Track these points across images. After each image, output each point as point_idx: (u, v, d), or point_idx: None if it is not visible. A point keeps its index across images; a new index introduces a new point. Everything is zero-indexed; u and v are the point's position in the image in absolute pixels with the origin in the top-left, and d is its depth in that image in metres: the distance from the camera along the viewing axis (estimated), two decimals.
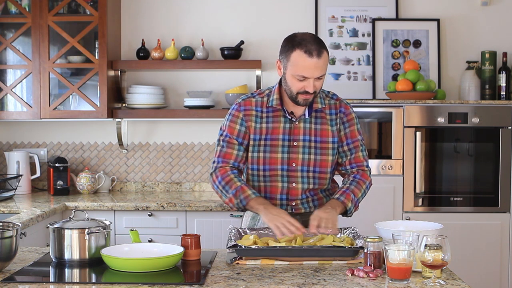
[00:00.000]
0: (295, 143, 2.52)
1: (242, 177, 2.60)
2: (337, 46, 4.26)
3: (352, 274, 2.04)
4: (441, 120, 3.80)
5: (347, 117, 2.56)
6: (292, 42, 2.39)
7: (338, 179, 2.71)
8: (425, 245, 1.95)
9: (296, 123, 2.52)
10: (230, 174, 2.51)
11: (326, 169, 2.56)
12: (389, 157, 3.81)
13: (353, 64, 4.26)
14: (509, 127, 3.81)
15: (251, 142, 2.54)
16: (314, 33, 2.48)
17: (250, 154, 2.56)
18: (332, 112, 2.55)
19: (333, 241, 2.29)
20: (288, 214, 2.36)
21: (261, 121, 2.53)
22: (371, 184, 2.62)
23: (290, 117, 2.51)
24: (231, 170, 2.52)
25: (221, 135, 2.57)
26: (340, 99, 2.60)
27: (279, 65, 2.46)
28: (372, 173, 2.67)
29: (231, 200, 2.48)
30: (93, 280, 2.09)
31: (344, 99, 2.62)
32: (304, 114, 2.52)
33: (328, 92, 2.61)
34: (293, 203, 2.58)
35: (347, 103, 2.60)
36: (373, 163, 3.76)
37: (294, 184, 2.55)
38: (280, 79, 2.52)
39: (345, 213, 2.53)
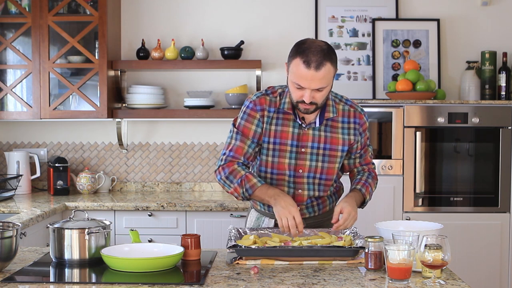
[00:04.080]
0: (303, 150, 2.48)
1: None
2: (337, 46, 4.26)
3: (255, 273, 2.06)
4: (441, 120, 3.80)
5: (362, 128, 2.54)
6: (297, 49, 2.33)
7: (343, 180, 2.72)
8: (425, 245, 1.95)
9: (306, 129, 2.47)
10: (236, 165, 2.45)
11: (332, 176, 2.54)
12: (389, 157, 3.81)
13: (353, 64, 4.26)
14: (509, 127, 3.81)
15: (262, 144, 2.50)
16: (327, 42, 2.37)
17: (259, 156, 2.54)
18: (345, 120, 2.51)
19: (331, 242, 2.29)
20: (296, 208, 2.33)
21: (271, 123, 2.47)
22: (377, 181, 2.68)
23: (300, 123, 2.46)
24: (237, 163, 2.45)
25: (235, 131, 2.49)
26: (355, 106, 2.54)
27: (286, 68, 2.40)
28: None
29: (236, 189, 2.42)
30: (93, 280, 2.09)
31: (359, 106, 2.56)
32: (315, 122, 2.47)
33: (342, 96, 2.56)
34: (298, 208, 2.57)
35: (361, 110, 2.55)
36: None
37: (300, 191, 2.54)
38: None
39: (361, 205, 2.55)
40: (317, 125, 2.47)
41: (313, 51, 2.28)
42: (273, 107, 2.48)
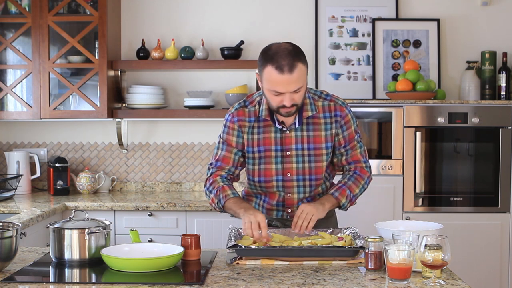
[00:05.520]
0: (288, 153, 2.49)
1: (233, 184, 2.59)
2: (337, 46, 4.26)
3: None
4: (441, 120, 3.80)
5: (344, 120, 2.50)
6: (265, 57, 2.32)
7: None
8: (425, 245, 1.95)
9: (287, 132, 2.48)
10: (218, 178, 2.53)
11: (321, 175, 2.54)
12: (389, 157, 3.81)
13: (353, 64, 4.26)
14: (509, 127, 3.81)
15: (246, 154, 2.54)
16: (291, 43, 2.36)
17: (246, 166, 2.56)
18: (326, 115, 2.49)
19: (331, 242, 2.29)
20: (263, 217, 2.31)
21: (252, 132, 2.51)
22: (371, 179, 2.59)
23: (280, 127, 2.47)
24: (221, 176, 2.54)
25: (220, 141, 2.58)
26: (335, 100, 2.52)
27: (259, 78, 2.39)
28: (372, 173, 2.63)
29: (213, 200, 2.50)
30: (93, 280, 2.10)
31: (340, 99, 2.54)
32: (295, 123, 2.47)
33: (321, 92, 2.53)
34: (289, 210, 2.58)
35: (342, 103, 2.52)
36: (373, 163, 3.76)
37: (289, 195, 2.55)
38: None
39: (339, 207, 2.53)
40: (297, 125, 2.47)
41: (281, 55, 2.28)
42: (252, 116, 2.50)
